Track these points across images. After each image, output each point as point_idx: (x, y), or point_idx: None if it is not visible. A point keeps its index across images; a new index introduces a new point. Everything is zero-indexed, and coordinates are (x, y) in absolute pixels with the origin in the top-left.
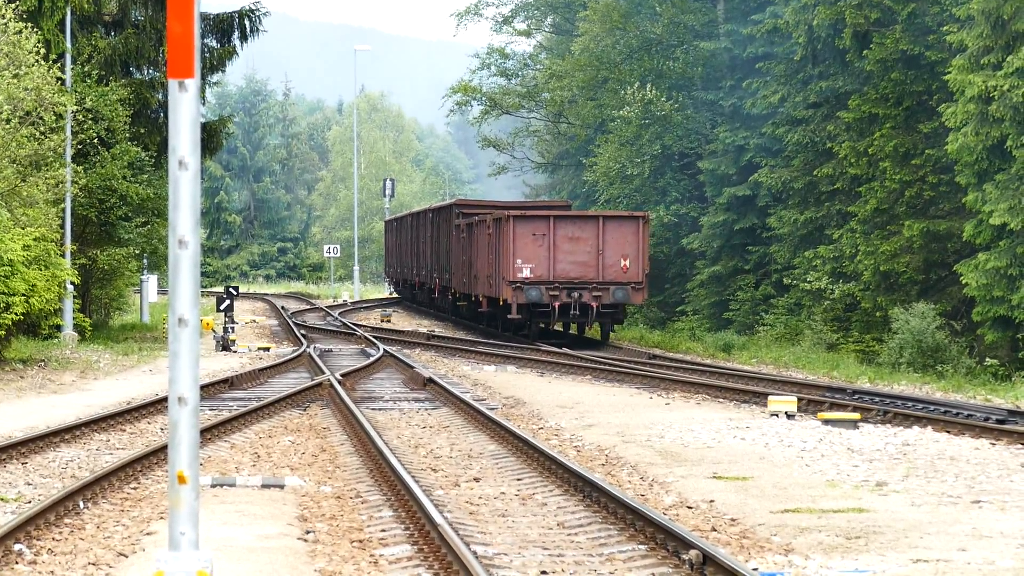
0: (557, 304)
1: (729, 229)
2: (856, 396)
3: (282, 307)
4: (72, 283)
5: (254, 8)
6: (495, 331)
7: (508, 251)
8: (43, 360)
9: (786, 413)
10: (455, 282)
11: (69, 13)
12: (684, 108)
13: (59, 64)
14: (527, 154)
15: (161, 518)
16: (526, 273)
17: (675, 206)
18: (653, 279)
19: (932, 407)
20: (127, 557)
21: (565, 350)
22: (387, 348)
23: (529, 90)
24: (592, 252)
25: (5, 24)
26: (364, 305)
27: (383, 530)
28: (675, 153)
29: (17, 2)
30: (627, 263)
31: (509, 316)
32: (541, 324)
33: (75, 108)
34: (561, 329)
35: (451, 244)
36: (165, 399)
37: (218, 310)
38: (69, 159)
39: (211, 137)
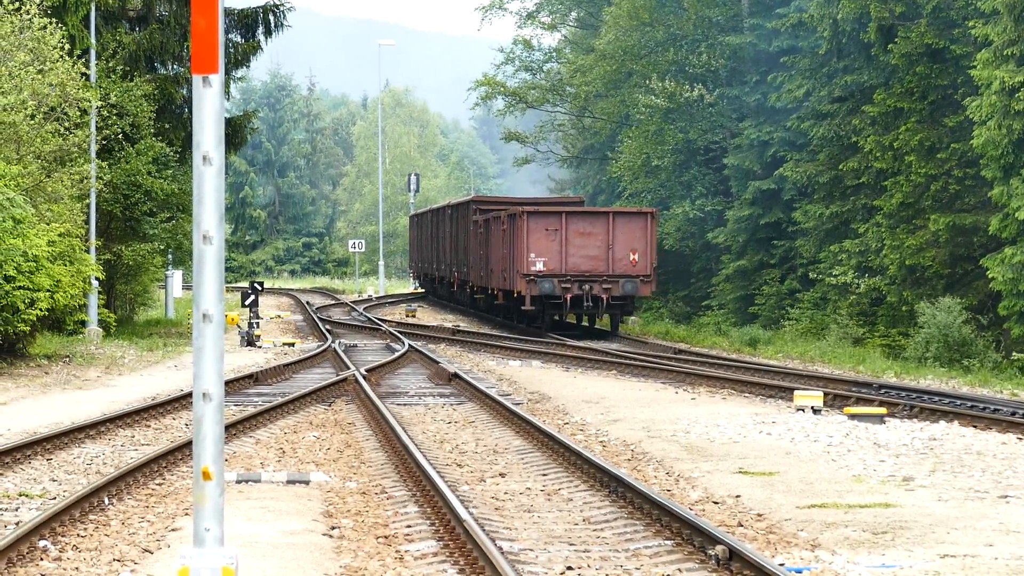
0: (569, 296)
1: (754, 223)
2: (882, 391)
3: (307, 302)
4: (97, 278)
5: (278, 3)
6: (511, 323)
7: (522, 245)
8: (68, 356)
9: (812, 408)
10: (473, 276)
11: (94, 8)
12: (708, 99)
13: (83, 60)
14: (551, 148)
15: (186, 514)
16: (539, 267)
17: (700, 201)
18: (678, 274)
19: (959, 402)
20: (152, 553)
21: (588, 344)
22: (412, 343)
23: (553, 84)
24: (602, 246)
25: (30, 20)
26: (389, 300)
27: (408, 526)
28: (700, 147)
29: None
30: (636, 257)
31: (523, 308)
32: (554, 316)
33: (100, 104)
34: (574, 321)
35: (469, 240)
36: (190, 395)
37: (243, 305)
38: (94, 155)
39: (236, 132)
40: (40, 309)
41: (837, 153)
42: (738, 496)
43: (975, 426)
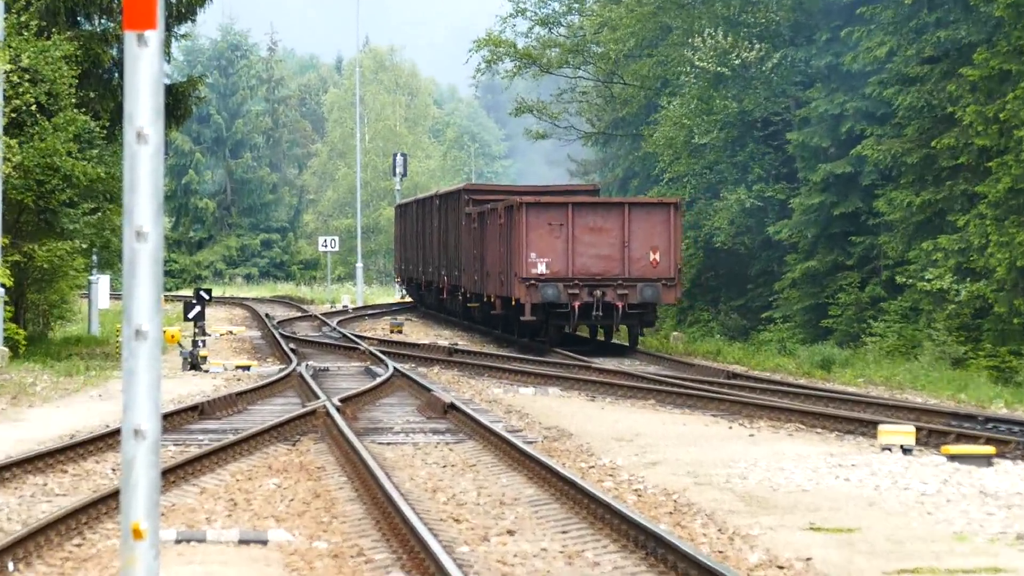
0: (577, 304)
1: (826, 214)
2: (990, 425)
3: (266, 315)
4: (2, 286)
5: None
6: (512, 337)
7: (520, 244)
8: None
9: (901, 447)
10: (465, 281)
11: None
12: (768, 60)
13: None
14: (572, 122)
15: None
16: (541, 269)
17: (758, 187)
18: (731, 279)
19: None
20: None
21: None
22: (398, 366)
23: (575, 42)
24: (617, 244)
25: None
26: (369, 312)
27: None
28: (758, 120)
29: None
30: (657, 256)
31: (522, 318)
32: (561, 328)
33: (8, 68)
34: (588, 335)
35: (460, 236)
36: (118, 432)
37: (186, 319)
38: (0, 131)
39: (178, 102)
40: None
41: (929, 127)
42: (809, 559)
43: None
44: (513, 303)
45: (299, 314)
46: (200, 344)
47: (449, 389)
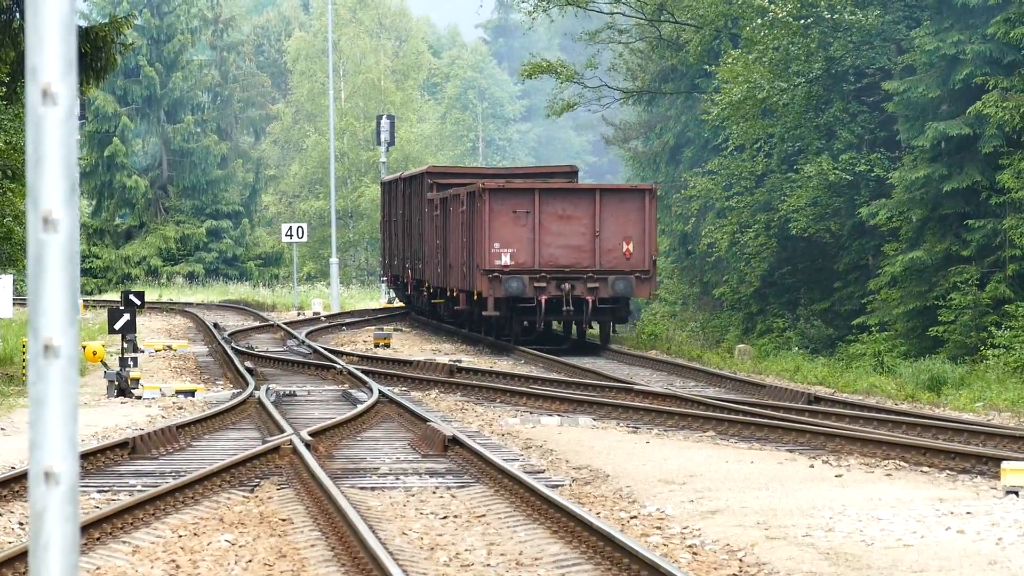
0: (544, 298)
1: (935, 191)
2: None
3: (215, 324)
4: None
5: None
6: (479, 335)
7: (483, 233)
8: None
9: None
10: (428, 273)
11: None
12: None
13: None
14: (605, 80)
15: None
16: (506, 260)
17: (847, 156)
18: (812, 276)
19: None
20: None
21: (670, 389)
22: (385, 389)
23: None
24: (587, 234)
25: None
26: (348, 320)
27: None
28: (847, 71)
29: None
30: (631, 247)
31: (484, 312)
32: (532, 324)
33: None
34: (562, 332)
35: (423, 225)
36: (24, 475)
37: (111, 331)
38: None
39: (97, 51)
40: None
41: None
42: None
43: None
44: (475, 297)
45: (257, 323)
46: (130, 363)
47: (451, 419)
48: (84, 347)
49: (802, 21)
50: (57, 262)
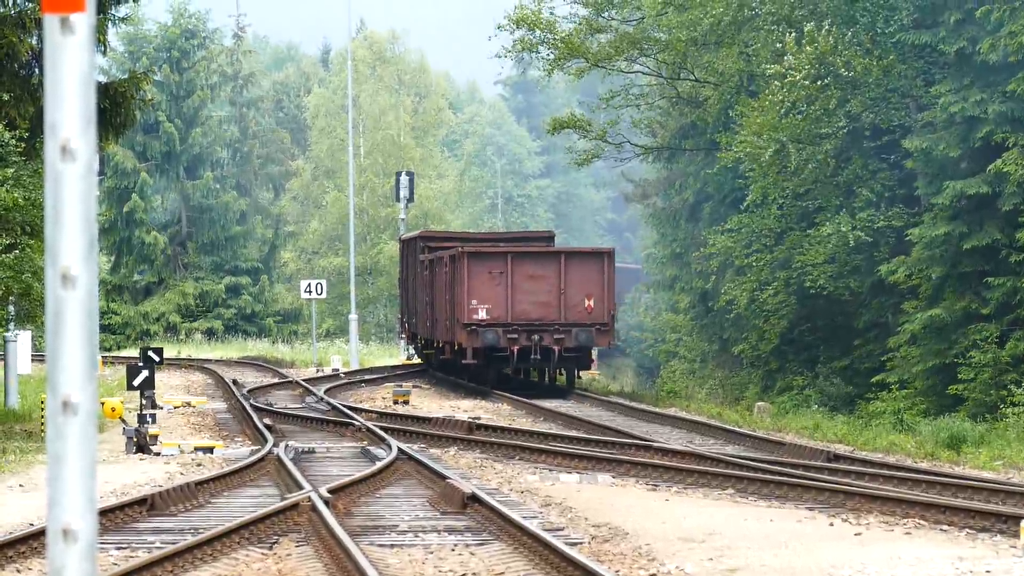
0: (516, 348)
1: (955, 249)
2: None
3: (234, 381)
4: None
5: None
6: (463, 381)
7: (463, 291)
8: None
9: None
10: (420, 327)
11: None
12: (882, 56)
13: None
14: (626, 135)
15: None
16: (482, 315)
17: (866, 213)
18: (833, 333)
19: None
20: None
21: (690, 447)
22: (404, 446)
23: (633, 29)
24: (554, 291)
25: None
26: (367, 377)
27: None
28: (866, 128)
29: None
30: (591, 303)
31: (464, 361)
32: (503, 370)
33: None
34: (536, 379)
35: (417, 283)
36: (42, 532)
37: (130, 387)
38: None
39: (116, 107)
40: None
41: None
42: None
43: None
44: (455, 348)
45: (276, 380)
46: (149, 420)
47: (470, 476)
48: (103, 403)
49: (818, 82)
50: (76, 318)
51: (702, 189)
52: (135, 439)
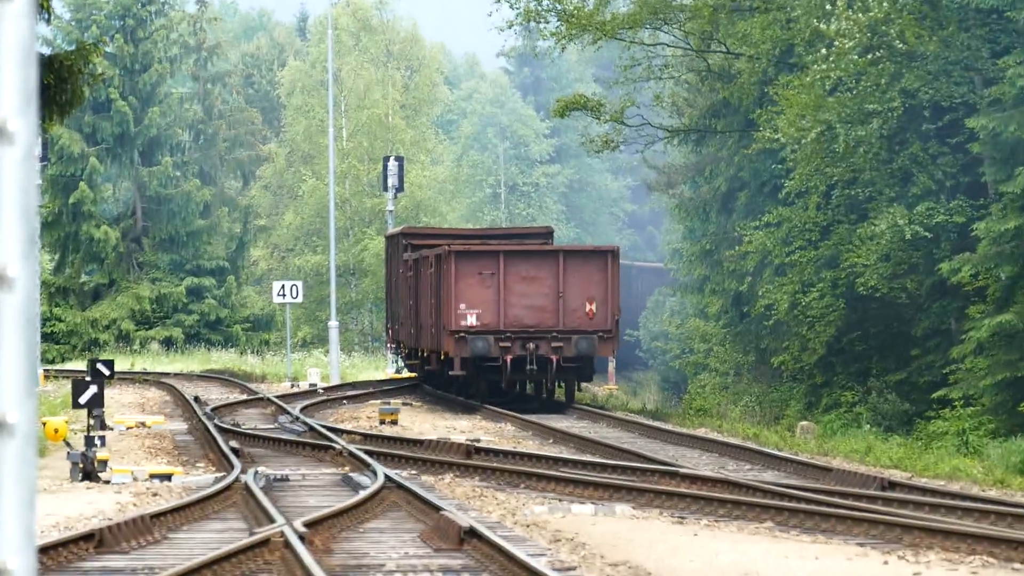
0: (509, 358)
1: None
2: None
3: (196, 398)
4: None
5: None
6: (451, 395)
7: (449, 294)
8: None
9: None
10: (403, 334)
11: None
12: (943, 23)
13: None
14: (648, 115)
15: None
16: (471, 320)
17: (925, 204)
18: (887, 341)
19: None
20: None
21: (722, 473)
22: (392, 473)
23: None
24: (551, 295)
25: None
26: (349, 393)
27: None
28: (924, 105)
29: None
30: (593, 307)
31: (451, 373)
32: (497, 383)
33: None
34: (533, 393)
35: (398, 285)
36: None
37: (76, 405)
38: None
39: (61, 82)
40: None
41: None
42: None
43: None
44: (442, 357)
45: (245, 396)
46: (97, 442)
47: (467, 507)
48: (44, 424)
49: (870, 55)
50: (12, 326)
51: (736, 176)
52: (81, 465)
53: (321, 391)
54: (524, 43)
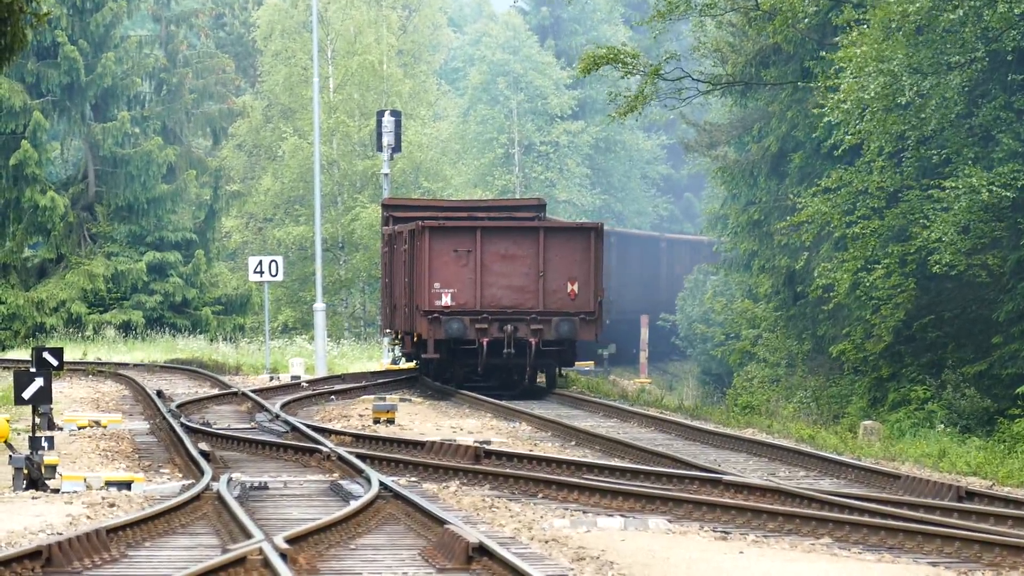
0: (486, 340)
1: None
2: None
3: (159, 392)
4: None
5: None
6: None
7: (423, 272)
8: None
9: None
10: (381, 316)
11: None
12: None
13: None
14: (686, 64)
15: None
16: (446, 300)
17: (1009, 167)
18: (965, 327)
19: None
20: None
21: (772, 480)
22: (387, 480)
23: None
24: (531, 274)
25: None
26: (338, 387)
27: None
28: (1009, 51)
29: None
30: (575, 288)
31: (424, 355)
32: (473, 366)
33: None
34: (517, 378)
35: (381, 262)
36: None
37: (19, 401)
38: None
39: (0, 23)
40: None
41: None
42: None
43: None
44: (415, 339)
45: (216, 391)
46: (44, 444)
47: (476, 520)
48: None
49: None
50: None
51: (789, 135)
52: (26, 471)
53: (305, 385)
54: None
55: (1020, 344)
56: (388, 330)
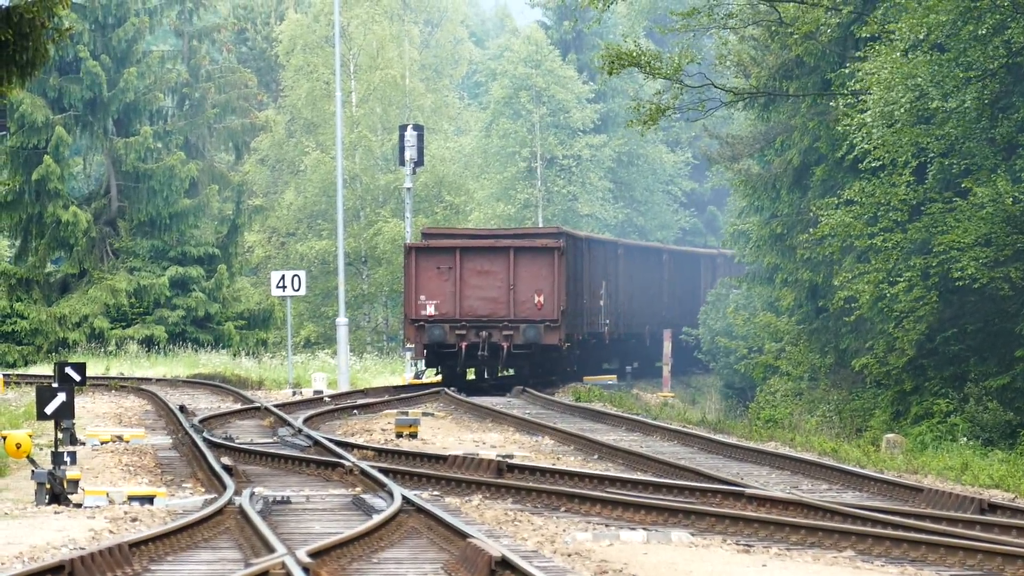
0: (464, 345)
1: None
2: None
3: (181, 407)
4: None
5: None
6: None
7: (411, 286)
8: None
9: None
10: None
11: None
12: None
13: None
14: (709, 75)
15: None
16: (430, 310)
17: None
18: (988, 340)
19: None
20: None
21: (795, 493)
22: (410, 494)
23: None
24: (503, 287)
25: None
26: (360, 401)
27: None
28: None
29: None
30: (541, 299)
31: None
32: (453, 368)
33: None
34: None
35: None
36: None
37: (41, 416)
38: None
39: (22, 39)
40: None
41: None
42: None
43: None
44: (404, 345)
45: (239, 406)
46: (67, 460)
47: (499, 533)
48: (4, 438)
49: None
50: None
51: (811, 147)
52: (49, 485)
53: (328, 399)
54: None
55: None
56: (408, 343)
